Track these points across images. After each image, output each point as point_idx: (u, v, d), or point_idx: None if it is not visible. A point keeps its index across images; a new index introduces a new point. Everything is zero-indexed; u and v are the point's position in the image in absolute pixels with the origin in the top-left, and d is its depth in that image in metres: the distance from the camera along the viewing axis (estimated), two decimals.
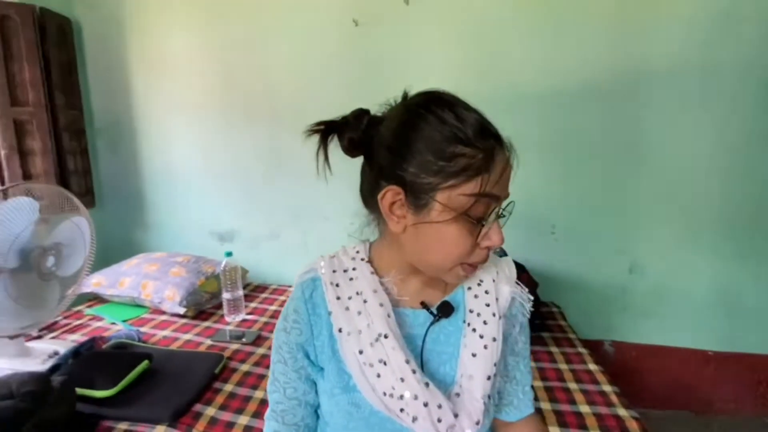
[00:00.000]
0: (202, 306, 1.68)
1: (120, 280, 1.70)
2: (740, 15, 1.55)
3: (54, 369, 1.11)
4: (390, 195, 0.49)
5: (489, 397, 0.53)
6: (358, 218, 0.59)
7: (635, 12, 1.61)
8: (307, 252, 2.06)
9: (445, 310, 0.55)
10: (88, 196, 2.11)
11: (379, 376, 0.50)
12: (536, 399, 1.10)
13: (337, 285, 0.56)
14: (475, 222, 0.47)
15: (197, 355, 1.34)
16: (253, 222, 2.11)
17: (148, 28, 2.03)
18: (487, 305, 0.55)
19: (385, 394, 0.50)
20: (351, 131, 0.51)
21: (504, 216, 0.51)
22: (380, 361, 0.50)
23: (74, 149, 2.03)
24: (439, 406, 0.49)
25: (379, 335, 0.51)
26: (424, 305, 0.55)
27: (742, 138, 1.64)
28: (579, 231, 1.85)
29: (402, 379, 0.49)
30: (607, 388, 1.22)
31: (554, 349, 1.46)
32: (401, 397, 0.49)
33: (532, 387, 0.64)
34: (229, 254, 1.51)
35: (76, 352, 1.20)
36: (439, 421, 0.49)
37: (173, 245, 2.14)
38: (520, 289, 0.59)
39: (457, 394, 0.52)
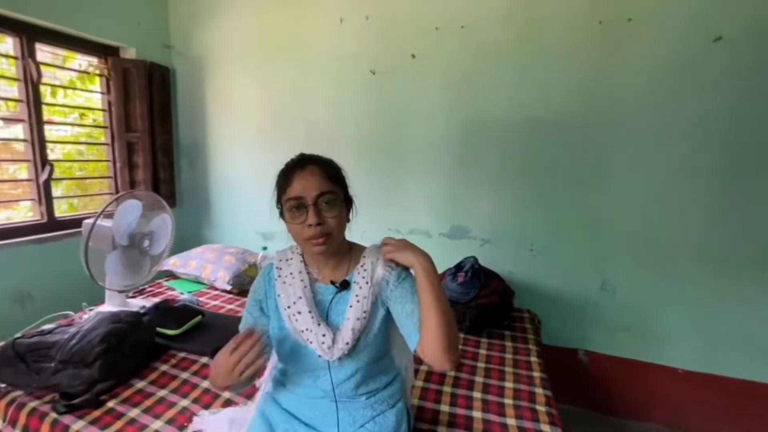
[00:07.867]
0: (244, 286, 2.20)
1: (189, 262, 2.29)
2: (701, 66, 1.78)
3: (143, 314, 1.68)
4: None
5: (360, 331, 0.88)
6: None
7: (601, 62, 1.90)
8: None
9: (344, 284, 0.93)
10: (171, 199, 2.78)
11: (297, 320, 0.90)
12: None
13: (280, 268, 0.98)
14: (296, 215, 0.85)
15: (236, 318, 1.85)
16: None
17: (220, 74, 2.68)
18: (364, 278, 0.92)
19: (298, 330, 0.90)
20: None
21: (322, 205, 0.85)
22: (298, 312, 0.91)
23: (164, 164, 2.71)
24: (324, 335, 0.88)
25: (298, 298, 0.92)
26: (332, 282, 0.93)
27: (701, 176, 1.84)
28: (555, 249, 2.12)
29: (306, 321, 0.89)
30: (537, 374, 1.52)
31: (508, 344, 1.77)
32: (306, 330, 0.89)
33: None
34: (264, 248, 2.02)
35: (157, 306, 1.76)
36: (323, 343, 0.87)
37: (229, 239, 2.76)
38: (389, 268, 0.93)
39: (339, 330, 0.89)
